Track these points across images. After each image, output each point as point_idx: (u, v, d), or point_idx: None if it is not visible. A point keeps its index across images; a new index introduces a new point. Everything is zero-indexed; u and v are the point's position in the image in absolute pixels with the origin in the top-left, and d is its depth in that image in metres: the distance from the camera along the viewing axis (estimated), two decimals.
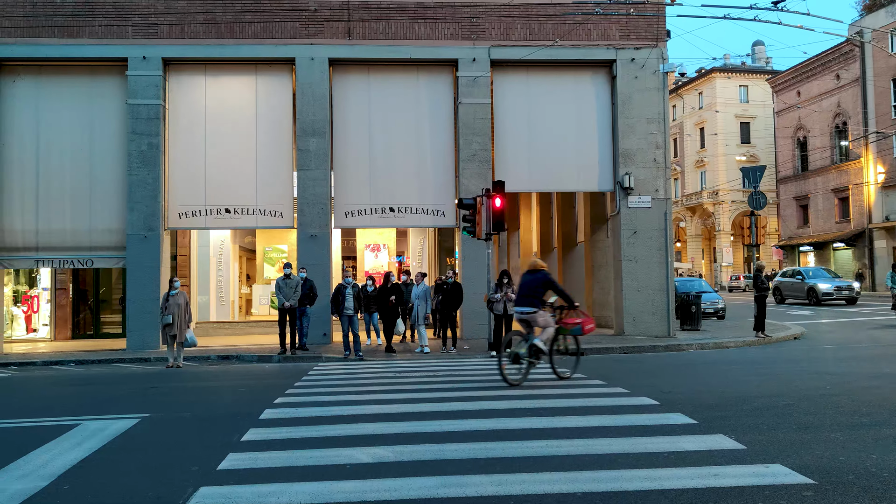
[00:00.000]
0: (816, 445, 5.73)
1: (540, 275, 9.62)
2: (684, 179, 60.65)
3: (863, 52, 38.90)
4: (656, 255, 16.71)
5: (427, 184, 17.20)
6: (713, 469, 5.12)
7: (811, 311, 24.65)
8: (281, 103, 17.08)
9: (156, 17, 16.39)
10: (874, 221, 38.45)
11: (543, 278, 9.59)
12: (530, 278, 9.66)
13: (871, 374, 9.88)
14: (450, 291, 14.75)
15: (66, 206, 16.48)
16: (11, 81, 16.60)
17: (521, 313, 9.59)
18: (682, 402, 7.82)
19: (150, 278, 16.03)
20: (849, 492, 4.55)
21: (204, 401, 9.49)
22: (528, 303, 9.50)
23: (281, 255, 20.77)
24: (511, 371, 9.31)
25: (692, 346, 14.52)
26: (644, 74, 16.97)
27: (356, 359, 13.55)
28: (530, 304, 9.49)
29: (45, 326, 19.89)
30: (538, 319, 9.47)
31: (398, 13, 16.76)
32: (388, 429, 6.74)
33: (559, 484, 4.84)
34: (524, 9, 16.87)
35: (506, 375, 9.23)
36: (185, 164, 16.83)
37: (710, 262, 59.52)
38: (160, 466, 5.72)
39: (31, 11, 16.21)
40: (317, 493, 4.77)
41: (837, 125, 42.20)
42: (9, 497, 4.93)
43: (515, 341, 9.56)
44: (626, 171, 16.81)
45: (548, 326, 9.51)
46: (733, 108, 55.42)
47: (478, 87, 16.82)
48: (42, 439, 6.66)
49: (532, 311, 9.47)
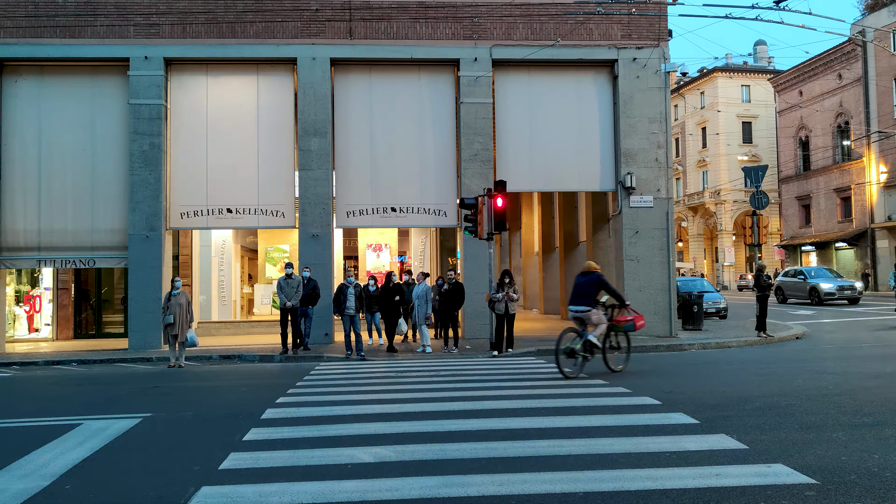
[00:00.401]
0: (818, 445, 5.72)
1: (593, 276, 10.37)
2: (686, 179, 60.60)
3: (865, 51, 38.85)
4: (658, 254, 16.70)
5: (429, 183, 17.20)
6: (715, 469, 5.11)
7: (813, 311, 24.62)
8: (282, 103, 17.09)
9: (157, 17, 16.40)
10: (876, 221, 38.40)
11: (597, 279, 10.33)
12: (584, 279, 10.39)
13: (873, 373, 9.87)
14: (451, 291, 14.75)
15: (68, 206, 16.50)
16: (13, 81, 16.63)
17: (576, 312, 10.28)
18: (684, 401, 7.81)
19: (151, 278, 16.04)
20: (851, 492, 4.54)
21: (205, 400, 9.49)
22: (583, 302, 10.24)
23: (283, 254, 20.78)
24: (567, 365, 9.98)
25: (694, 346, 14.50)
26: (646, 74, 16.97)
27: (358, 359, 13.55)
28: (584, 304, 10.23)
29: (47, 326, 19.92)
30: (592, 317, 10.22)
31: (400, 13, 16.76)
32: (389, 428, 6.74)
33: (561, 484, 4.83)
34: (526, 8, 16.86)
35: (562, 369, 9.89)
36: (187, 163, 16.85)
37: (711, 261, 59.47)
38: (162, 466, 5.73)
39: (33, 11, 16.23)
40: (318, 493, 4.77)
41: (839, 125, 42.15)
42: (11, 496, 4.93)
43: (569, 338, 10.17)
44: (627, 171, 16.80)
45: (601, 324, 10.29)
46: (735, 108, 55.36)
47: (479, 86, 16.82)
48: (44, 439, 6.67)
49: (586, 309, 10.20)
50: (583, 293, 10.27)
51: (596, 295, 10.33)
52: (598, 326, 10.24)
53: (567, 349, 9.98)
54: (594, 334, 10.15)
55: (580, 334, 10.14)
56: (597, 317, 10.25)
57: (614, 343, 10.69)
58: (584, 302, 10.23)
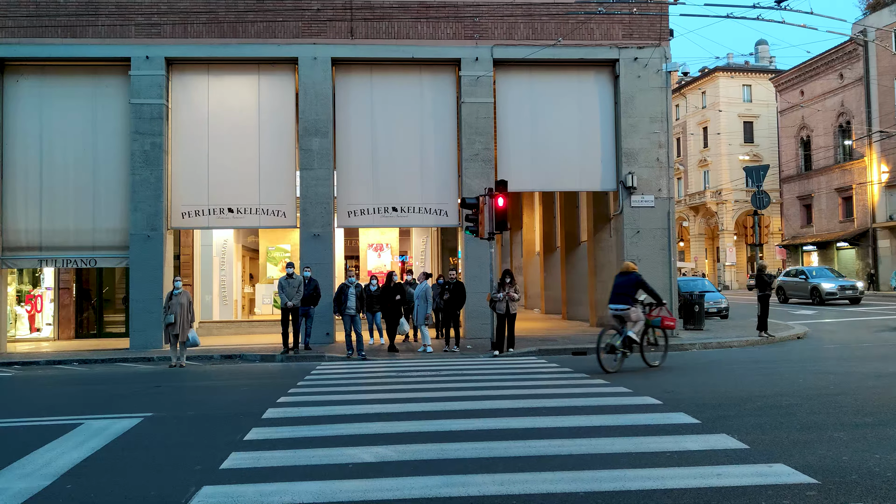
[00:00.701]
0: (819, 445, 5.72)
1: (632, 276, 10.99)
2: (687, 179, 60.53)
3: (866, 51, 38.80)
4: (659, 254, 16.68)
5: (430, 183, 17.20)
6: (716, 469, 5.11)
7: (815, 311, 24.59)
8: (284, 103, 17.10)
9: (159, 17, 16.41)
10: (878, 221, 38.35)
11: (636, 279, 10.94)
12: (624, 279, 11.01)
13: (874, 373, 9.86)
14: (453, 291, 14.74)
15: (70, 206, 16.52)
16: (15, 81, 16.65)
17: (616, 310, 10.86)
18: (685, 401, 7.81)
19: (152, 278, 16.05)
20: (852, 492, 4.53)
21: (207, 400, 9.50)
22: (623, 300, 10.83)
23: (284, 254, 20.79)
24: (607, 361, 10.49)
25: (695, 346, 14.49)
26: (647, 74, 16.96)
27: (359, 358, 13.56)
28: (624, 302, 10.82)
29: (49, 326, 19.94)
30: (631, 315, 10.77)
31: (401, 13, 16.76)
32: (390, 428, 6.74)
33: (562, 483, 4.83)
34: (527, 8, 16.85)
35: (603, 365, 10.42)
36: (188, 163, 16.86)
37: (713, 261, 59.41)
38: (163, 465, 5.73)
39: (34, 11, 16.24)
40: (319, 493, 4.77)
41: (841, 124, 42.10)
42: (12, 496, 4.93)
43: (609, 335, 10.72)
44: (629, 171, 16.80)
45: (639, 321, 10.84)
46: (736, 108, 55.28)
47: (480, 86, 16.82)
48: (45, 438, 6.67)
49: (625, 307, 10.79)
50: (622, 292, 10.86)
51: (635, 294, 10.91)
52: (636, 323, 10.77)
53: (607, 346, 10.55)
54: (633, 330, 10.68)
55: (619, 331, 10.68)
56: (636, 314, 10.81)
57: (652, 340, 11.29)
58: (623, 300, 10.80)
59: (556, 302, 24.56)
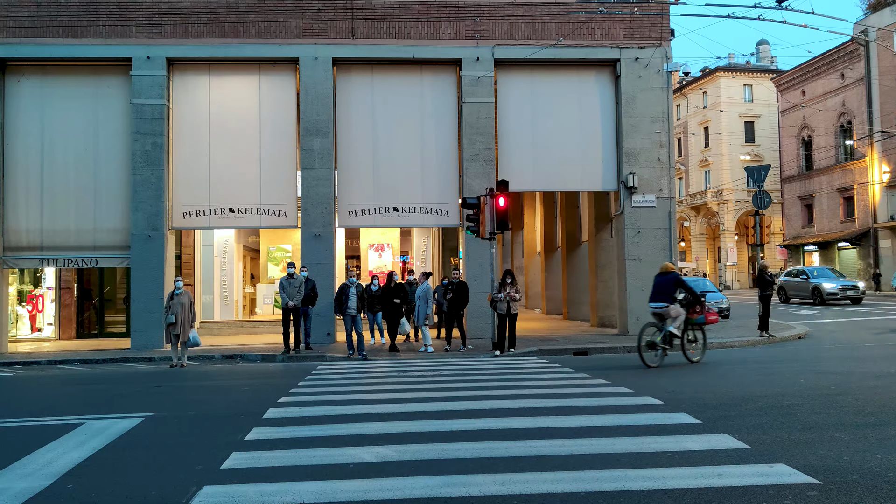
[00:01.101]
0: (821, 445, 5.71)
1: (671, 275, 11.39)
2: (688, 179, 60.50)
3: (868, 51, 38.76)
4: (660, 254, 16.67)
5: (431, 183, 17.20)
6: (717, 469, 5.10)
7: (816, 311, 24.57)
8: (284, 103, 17.10)
9: (160, 17, 16.42)
10: (879, 221, 38.33)
11: (675, 278, 11.37)
12: (663, 279, 11.39)
13: (875, 373, 9.85)
14: (456, 290, 14.74)
15: (71, 206, 16.53)
16: (16, 81, 16.66)
17: (656, 308, 11.29)
18: (686, 401, 7.81)
19: (153, 278, 16.06)
20: (853, 492, 4.53)
21: (208, 400, 9.50)
22: (662, 299, 11.27)
23: (285, 254, 20.80)
24: (649, 357, 10.97)
25: None
26: (648, 74, 16.95)
27: (360, 358, 13.56)
28: (664, 300, 11.25)
29: (50, 326, 19.96)
30: (671, 312, 11.20)
31: (402, 13, 16.76)
32: (391, 428, 6.74)
33: (562, 483, 4.83)
34: (528, 8, 16.85)
35: (644, 360, 10.92)
36: (189, 163, 16.87)
37: (714, 261, 59.39)
38: (164, 465, 5.73)
39: (35, 11, 16.26)
40: (320, 493, 4.77)
41: (842, 124, 42.07)
42: (13, 496, 4.94)
43: (650, 332, 11.19)
44: (630, 171, 16.79)
45: (679, 316, 11.26)
46: (737, 108, 55.26)
47: (481, 86, 16.81)
48: (46, 438, 6.68)
49: (665, 305, 11.21)
50: (662, 291, 11.28)
51: (674, 292, 11.32)
52: (676, 318, 11.20)
53: (649, 342, 11.00)
54: (674, 325, 11.15)
55: (660, 328, 11.15)
56: (675, 311, 11.23)
57: (691, 337, 11.72)
58: (663, 299, 11.23)
59: (557, 302, 24.56)
